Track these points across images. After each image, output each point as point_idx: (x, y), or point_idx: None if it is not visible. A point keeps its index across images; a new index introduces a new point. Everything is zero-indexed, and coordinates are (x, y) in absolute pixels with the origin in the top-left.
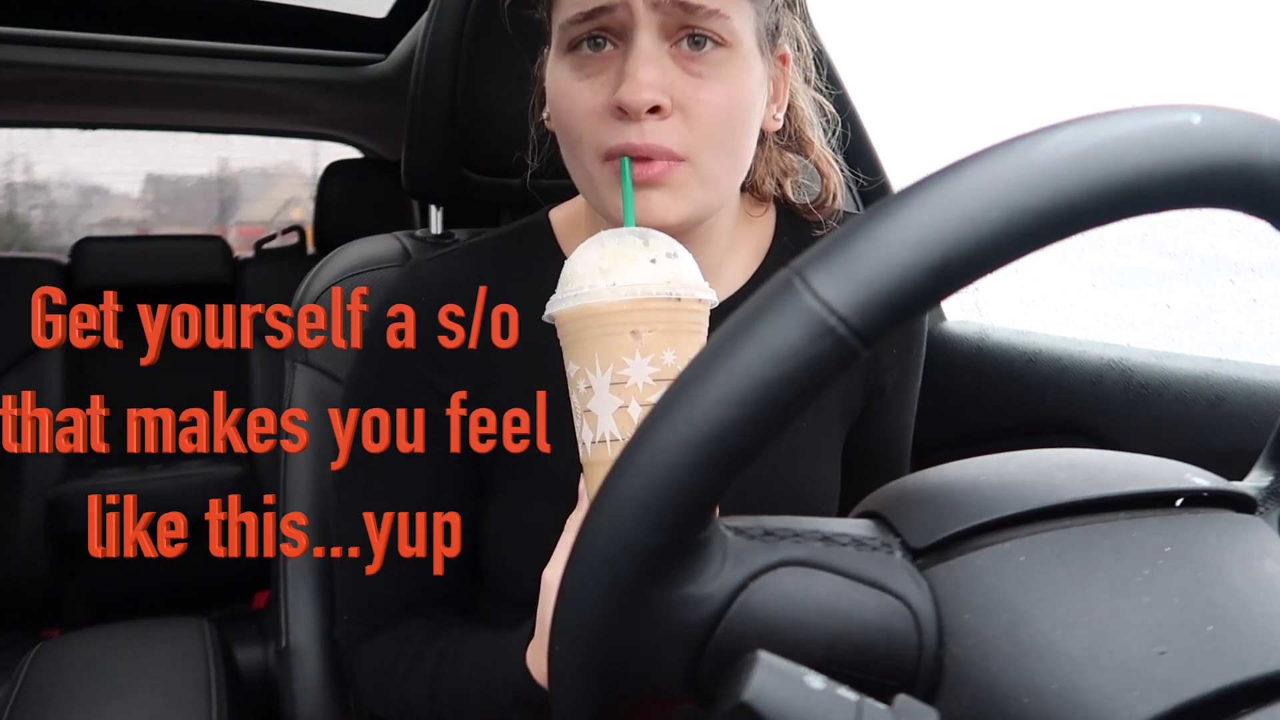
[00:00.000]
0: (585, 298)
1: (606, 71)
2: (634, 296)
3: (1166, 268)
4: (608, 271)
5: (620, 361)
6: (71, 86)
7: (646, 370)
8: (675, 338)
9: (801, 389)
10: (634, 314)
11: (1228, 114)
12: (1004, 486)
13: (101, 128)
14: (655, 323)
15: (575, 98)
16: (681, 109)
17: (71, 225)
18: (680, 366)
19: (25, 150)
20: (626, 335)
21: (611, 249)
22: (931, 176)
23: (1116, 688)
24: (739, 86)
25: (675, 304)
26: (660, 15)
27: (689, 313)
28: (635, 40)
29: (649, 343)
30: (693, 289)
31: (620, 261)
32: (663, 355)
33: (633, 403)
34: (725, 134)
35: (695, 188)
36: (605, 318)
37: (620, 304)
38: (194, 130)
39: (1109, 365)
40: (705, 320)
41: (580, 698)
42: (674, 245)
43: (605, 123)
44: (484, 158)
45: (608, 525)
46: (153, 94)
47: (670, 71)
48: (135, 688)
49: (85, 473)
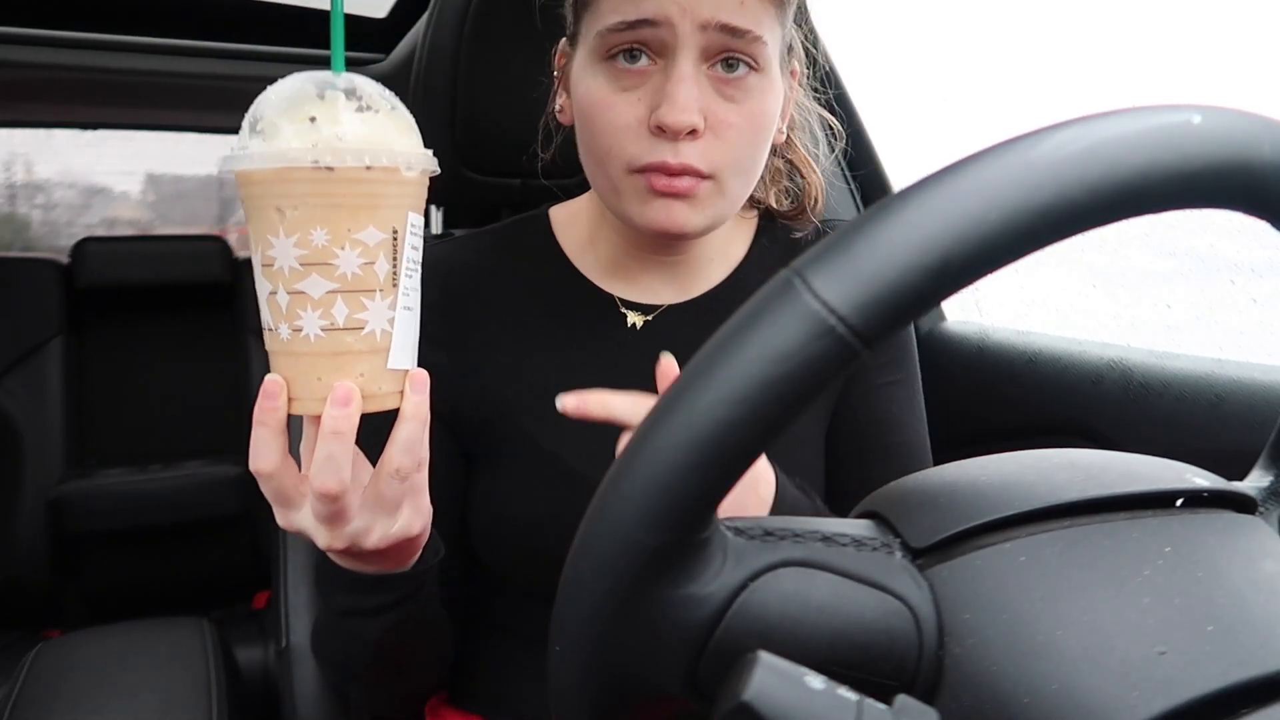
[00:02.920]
0: (233, 160)
1: (643, 86)
2: (276, 165)
3: (1166, 268)
4: (270, 127)
5: (266, 240)
6: (71, 86)
7: (292, 252)
8: (332, 214)
9: (802, 389)
10: (276, 185)
11: (1228, 114)
12: (1004, 486)
13: (101, 128)
14: (300, 197)
15: (610, 109)
16: (713, 130)
17: (71, 225)
18: (337, 248)
19: (25, 150)
20: (272, 211)
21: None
22: (931, 176)
23: (1116, 688)
24: (765, 109)
25: (326, 175)
26: (705, 38)
27: (350, 184)
28: (678, 61)
29: (294, 221)
30: (360, 154)
31: (282, 116)
32: (310, 235)
33: (280, 289)
34: (749, 155)
35: (716, 201)
36: (251, 187)
37: (260, 173)
38: (194, 130)
39: (1109, 365)
40: (397, 190)
41: (581, 698)
42: (372, 96)
43: (640, 138)
44: (484, 158)
45: (608, 525)
46: (153, 94)
47: (706, 94)
48: (135, 688)
49: (85, 473)
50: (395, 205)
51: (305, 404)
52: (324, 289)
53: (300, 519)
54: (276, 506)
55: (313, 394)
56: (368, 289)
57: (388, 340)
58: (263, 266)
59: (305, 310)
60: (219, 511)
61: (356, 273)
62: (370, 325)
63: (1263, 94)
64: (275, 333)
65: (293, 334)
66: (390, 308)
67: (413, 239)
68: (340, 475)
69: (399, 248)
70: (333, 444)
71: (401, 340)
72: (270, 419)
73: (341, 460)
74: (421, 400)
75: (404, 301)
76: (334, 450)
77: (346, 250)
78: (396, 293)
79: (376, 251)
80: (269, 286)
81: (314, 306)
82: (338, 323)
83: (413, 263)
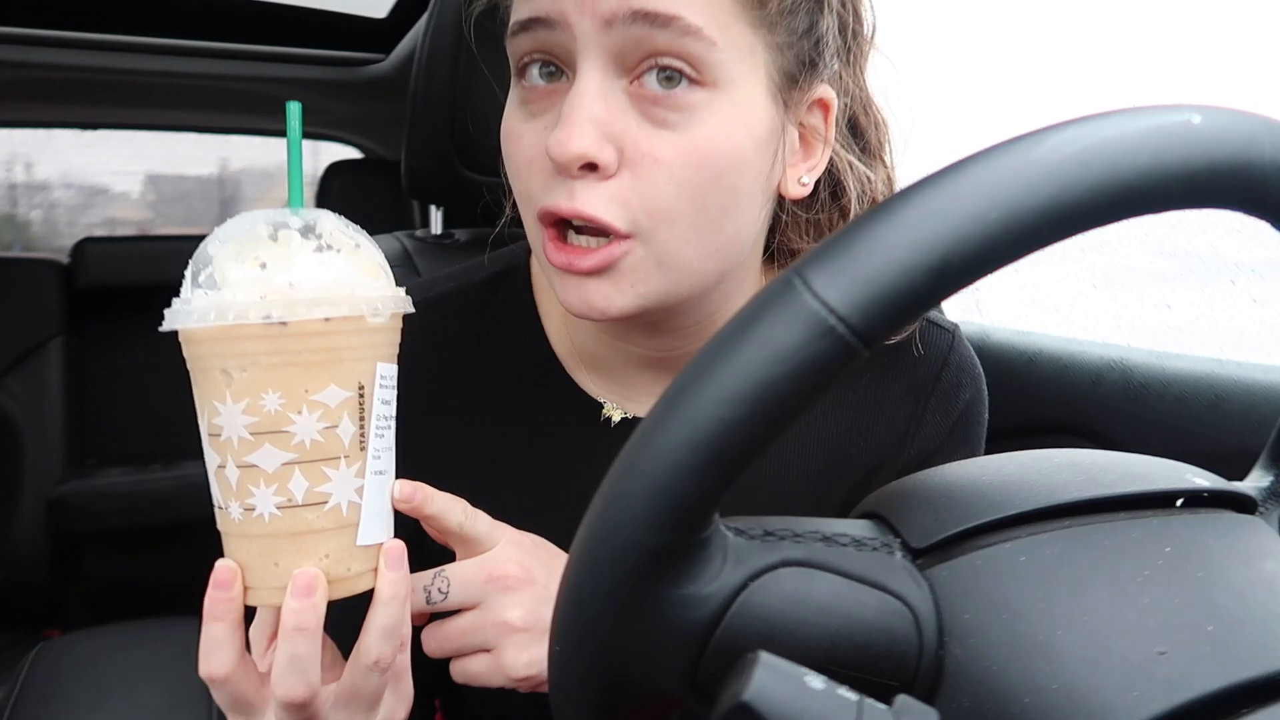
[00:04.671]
0: (174, 315)
1: (552, 110)
2: (220, 323)
3: (1167, 268)
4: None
5: (212, 408)
6: (71, 86)
7: (240, 420)
8: (287, 374)
9: (802, 389)
10: (221, 344)
11: (1228, 114)
12: (1004, 486)
13: (101, 128)
14: (248, 356)
15: (517, 140)
16: (632, 168)
17: (72, 225)
18: (293, 413)
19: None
20: (217, 373)
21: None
22: (932, 176)
23: (1117, 688)
24: (721, 142)
25: (278, 330)
26: (614, 38)
27: (306, 339)
28: (578, 72)
29: (243, 384)
30: (316, 304)
31: (230, 261)
32: (261, 400)
33: (229, 462)
34: (692, 209)
35: (649, 274)
36: (193, 346)
37: (203, 330)
38: (194, 130)
39: (1109, 365)
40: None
41: (581, 698)
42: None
43: (542, 173)
44: (484, 158)
45: (608, 526)
46: (153, 94)
47: (622, 116)
48: (135, 688)
49: (85, 473)
50: (360, 358)
51: (261, 594)
52: (279, 460)
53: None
54: (233, 717)
55: (270, 582)
56: (330, 457)
57: (356, 513)
58: (209, 436)
59: (258, 486)
60: None
61: (316, 439)
62: (335, 498)
63: (1263, 94)
64: (226, 512)
65: (245, 514)
66: (358, 475)
67: (383, 393)
68: (308, 678)
69: (366, 405)
70: (296, 642)
71: (372, 511)
72: (224, 612)
73: (308, 661)
74: (399, 578)
75: (374, 466)
76: (298, 650)
77: (304, 414)
78: (365, 457)
79: (339, 413)
80: (217, 459)
81: (268, 481)
82: (296, 499)
83: (384, 419)
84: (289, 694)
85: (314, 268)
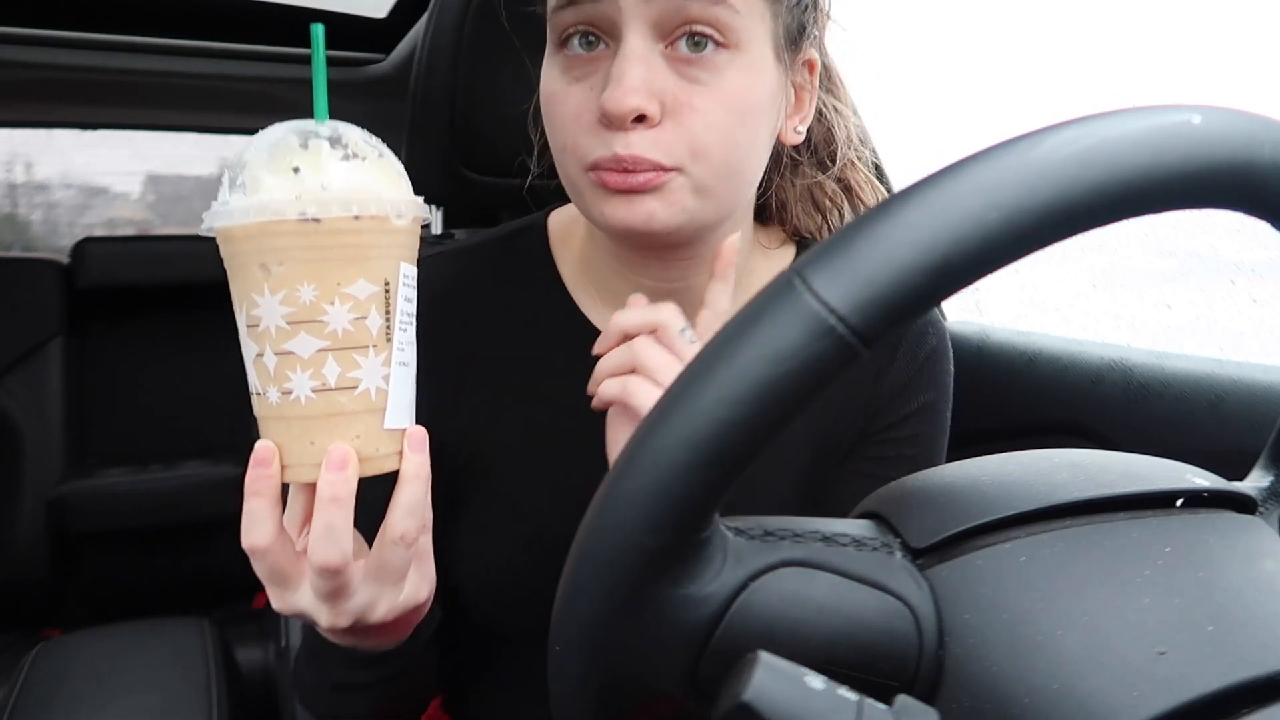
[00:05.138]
0: (214, 216)
1: (596, 74)
2: (259, 219)
3: (1167, 268)
4: (251, 180)
5: (251, 300)
6: (71, 86)
7: (279, 311)
8: (321, 268)
9: (802, 389)
10: (260, 240)
11: (1228, 114)
12: (1004, 487)
13: (101, 128)
14: (285, 251)
15: (562, 102)
16: (672, 116)
17: (72, 225)
18: (326, 304)
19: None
20: (256, 268)
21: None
22: (932, 176)
23: (1117, 688)
24: (741, 92)
25: (312, 227)
26: (654, 9)
27: (338, 235)
28: (624, 38)
29: (280, 277)
30: (348, 204)
31: (263, 168)
32: (297, 291)
33: (267, 350)
34: (722, 143)
35: (688, 197)
36: (233, 244)
37: (243, 228)
38: (194, 130)
39: (1109, 365)
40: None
41: (581, 698)
42: (357, 143)
43: (591, 131)
44: (484, 158)
45: (608, 526)
46: (153, 94)
47: (662, 75)
48: (135, 688)
49: (85, 473)
50: (386, 256)
51: (299, 471)
52: (314, 348)
53: (299, 599)
54: (272, 588)
55: (306, 459)
56: (360, 345)
57: (383, 399)
58: (248, 328)
59: (295, 371)
60: (219, 511)
61: (348, 329)
62: (364, 384)
63: (1263, 94)
64: (264, 397)
65: (282, 397)
66: (385, 364)
67: (406, 290)
68: (341, 546)
69: (392, 301)
70: (331, 512)
71: (398, 398)
72: (265, 488)
73: (342, 530)
74: (422, 460)
75: (399, 357)
76: (333, 519)
77: (336, 306)
78: (391, 348)
79: (368, 305)
80: (255, 349)
81: (304, 367)
82: (330, 383)
83: (407, 315)
84: (325, 559)
85: (343, 173)
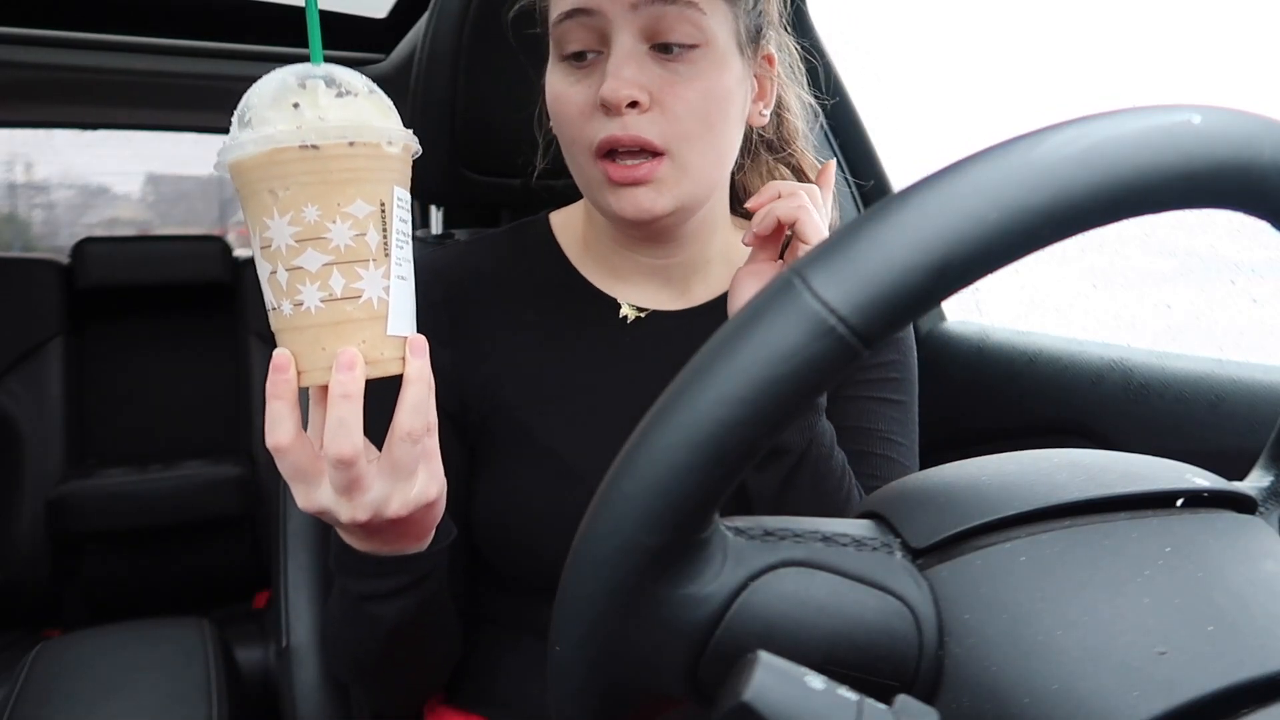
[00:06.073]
0: (226, 151)
1: (594, 75)
2: (266, 148)
3: (1166, 268)
4: (257, 118)
5: (262, 223)
6: (71, 86)
7: (287, 230)
8: (322, 190)
9: (802, 389)
10: (268, 168)
11: (1228, 114)
12: (1004, 486)
13: (101, 128)
14: (290, 176)
15: (568, 101)
16: (660, 104)
17: (72, 225)
18: (329, 222)
19: (25, 150)
20: (265, 194)
21: (268, 88)
22: (932, 176)
23: (1117, 688)
24: (715, 82)
25: (313, 153)
26: (639, 16)
27: (335, 160)
28: (615, 42)
29: (286, 200)
30: (343, 132)
31: (268, 107)
32: (303, 211)
33: (279, 267)
34: (702, 126)
35: (678, 181)
36: (244, 174)
37: (252, 158)
38: (194, 130)
39: (1109, 365)
40: (380, 165)
41: (581, 698)
42: (350, 82)
43: (592, 119)
44: (484, 158)
45: (608, 525)
46: (153, 94)
47: (649, 69)
48: (135, 688)
49: (85, 473)
50: (380, 180)
51: (313, 375)
52: (320, 262)
53: (320, 495)
54: (295, 484)
55: (319, 364)
56: (361, 259)
57: (384, 307)
58: (261, 249)
59: (304, 284)
60: (219, 511)
61: (349, 244)
62: (367, 293)
63: (1263, 94)
64: (279, 310)
65: (294, 309)
66: (384, 276)
67: (400, 212)
68: (353, 439)
69: (387, 219)
70: (343, 408)
71: (398, 307)
72: (283, 391)
73: (353, 424)
74: (423, 364)
75: (397, 271)
76: (344, 414)
77: (338, 224)
78: (389, 262)
79: (366, 223)
80: (269, 267)
81: (312, 279)
82: (336, 293)
83: (403, 235)
84: (339, 451)
85: (339, 107)
